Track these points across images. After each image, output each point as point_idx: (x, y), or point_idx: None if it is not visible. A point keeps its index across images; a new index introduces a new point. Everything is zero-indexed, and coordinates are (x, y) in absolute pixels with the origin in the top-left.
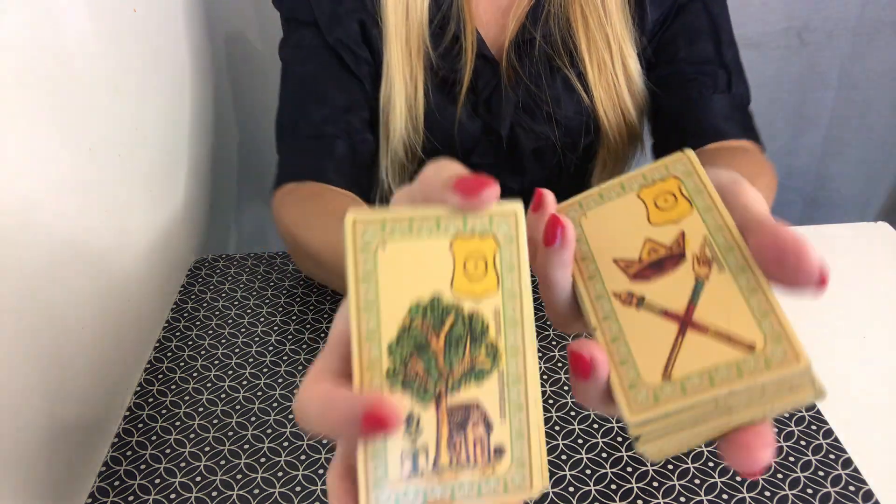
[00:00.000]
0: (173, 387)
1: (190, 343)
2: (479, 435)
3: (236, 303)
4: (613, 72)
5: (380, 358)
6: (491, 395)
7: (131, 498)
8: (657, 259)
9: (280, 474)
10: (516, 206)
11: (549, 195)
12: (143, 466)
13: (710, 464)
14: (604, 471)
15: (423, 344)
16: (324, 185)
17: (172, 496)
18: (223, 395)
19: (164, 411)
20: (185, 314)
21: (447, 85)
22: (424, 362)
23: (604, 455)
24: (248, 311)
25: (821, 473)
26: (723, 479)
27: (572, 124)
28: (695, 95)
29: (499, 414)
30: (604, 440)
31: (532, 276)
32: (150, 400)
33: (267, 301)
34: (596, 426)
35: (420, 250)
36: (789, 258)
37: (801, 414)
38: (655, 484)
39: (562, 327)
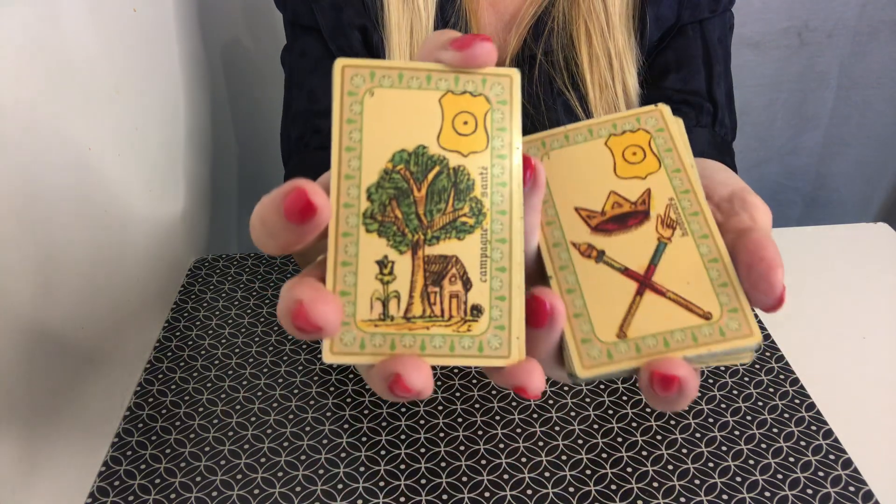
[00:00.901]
0: (173, 387)
1: (190, 343)
2: (456, 290)
3: (236, 303)
4: (614, 92)
5: (358, 198)
6: (472, 252)
7: (131, 498)
8: (620, 214)
9: (280, 474)
10: (512, 71)
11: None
12: (143, 466)
13: (710, 464)
14: (604, 471)
15: (404, 190)
16: None
17: (172, 496)
18: (223, 395)
19: (164, 411)
20: (185, 314)
21: None
22: (404, 209)
23: (604, 455)
24: (248, 311)
25: (821, 474)
26: (723, 480)
27: None
28: None
29: (479, 273)
30: (604, 440)
31: None
32: (150, 400)
33: (267, 301)
34: (596, 426)
35: (408, 101)
36: (762, 267)
37: (801, 414)
38: (655, 484)
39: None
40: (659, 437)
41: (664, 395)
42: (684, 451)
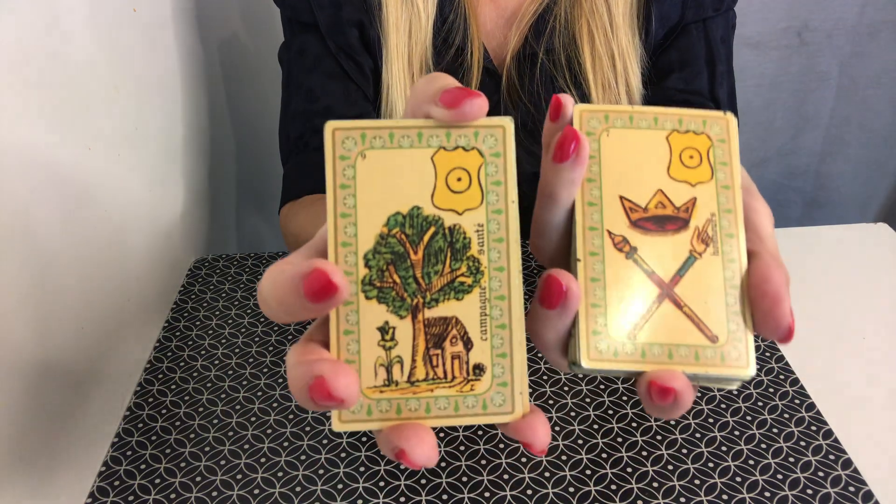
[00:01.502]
0: (173, 387)
1: (190, 343)
2: (458, 351)
3: (236, 303)
4: (617, 92)
5: (356, 265)
6: (471, 312)
7: (131, 498)
8: (662, 215)
9: (280, 474)
10: (505, 120)
11: (568, 101)
12: (143, 466)
13: (710, 464)
14: (604, 471)
15: (401, 254)
16: None
17: (172, 496)
18: (223, 395)
19: (164, 411)
20: (185, 314)
21: None
22: (401, 273)
23: (604, 455)
24: (248, 311)
25: (820, 474)
26: (723, 480)
27: None
28: None
29: (479, 332)
30: (604, 440)
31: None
32: (150, 400)
33: None
34: (596, 427)
35: (401, 161)
36: (767, 303)
37: (801, 414)
38: (655, 484)
39: (542, 256)
40: (659, 437)
41: (660, 404)
42: (684, 451)
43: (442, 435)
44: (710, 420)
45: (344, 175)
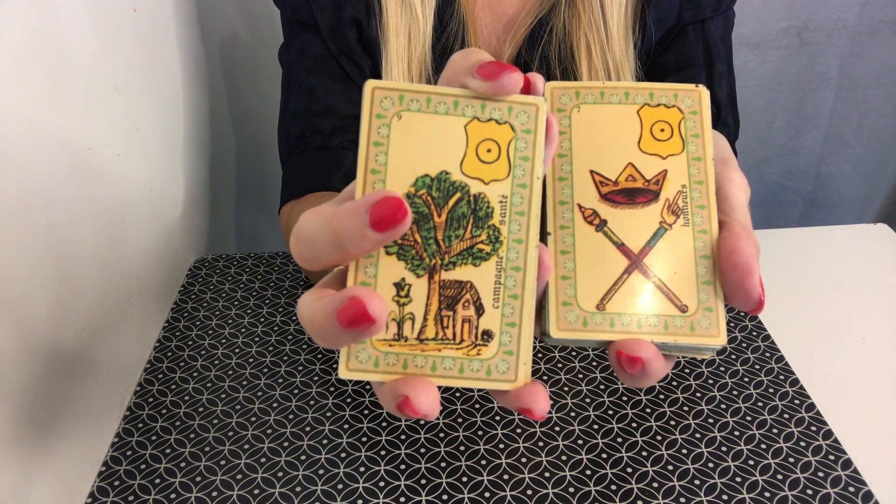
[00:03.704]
0: (173, 387)
1: (190, 343)
2: (469, 315)
3: (236, 303)
4: None
5: None
6: (486, 279)
7: (131, 498)
8: (632, 188)
9: (280, 474)
10: (539, 99)
11: (538, 81)
12: (143, 466)
13: (710, 464)
14: (604, 471)
15: (425, 215)
16: (333, 193)
17: (172, 496)
18: (223, 395)
19: (164, 411)
20: (185, 314)
21: None
22: (423, 233)
23: (604, 455)
24: (248, 311)
25: (820, 474)
26: (722, 480)
27: None
28: None
29: (492, 299)
30: (604, 440)
31: None
32: (150, 400)
33: (267, 301)
34: (596, 427)
35: (435, 126)
36: (737, 274)
37: (800, 414)
38: (655, 484)
39: None
40: (659, 437)
41: (629, 372)
42: (684, 451)
43: (442, 435)
44: (710, 420)
45: (378, 133)
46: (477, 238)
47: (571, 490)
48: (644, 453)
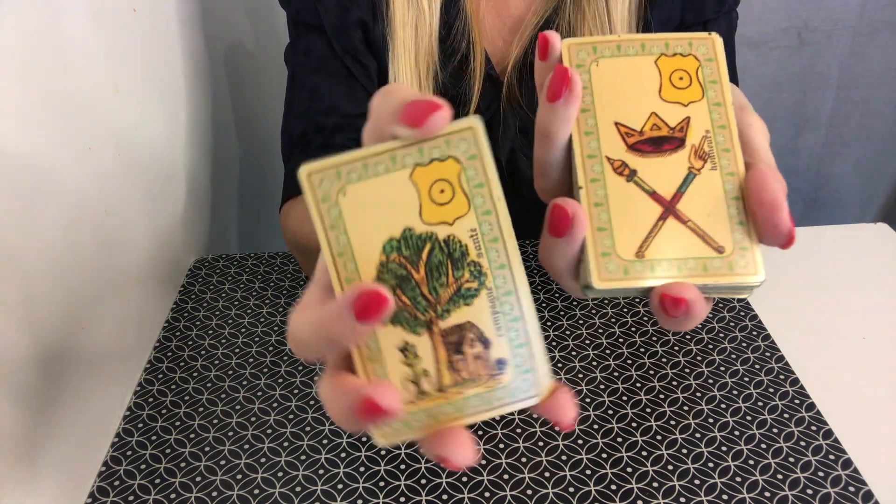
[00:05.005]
0: (173, 387)
1: (190, 343)
2: (478, 352)
3: (236, 303)
4: None
5: None
6: (483, 313)
7: (131, 498)
8: (658, 136)
9: (280, 474)
10: (472, 120)
11: (555, 38)
12: (143, 466)
13: (710, 464)
14: (604, 471)
15: (404, 276)
16: None
17: (172, 496)
18: (223, 395)
19: (164, 411)
20: (185, 314)
21: (455, 105)
22: (409, 294)
23: (604, 455)
24: (248, 311)
25: (820, 474)
26: (723, 480)
27: None
28: None
29: (494, 329)
30: (604, 440)
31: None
32: (150, 400)
33: (267, 301)
34: (596, 427)
35: (381, 188)
36: (765, 210)
37: (801, 414)
38: (655, 484)
39: (545, 195)
40: (659, 437)
41: (673, 315)
42: (684, 451)
43: None
44: (710, 420)
45: (330, 215)
46: (461, 279)
47: (571, 490)
48: (644, 453)
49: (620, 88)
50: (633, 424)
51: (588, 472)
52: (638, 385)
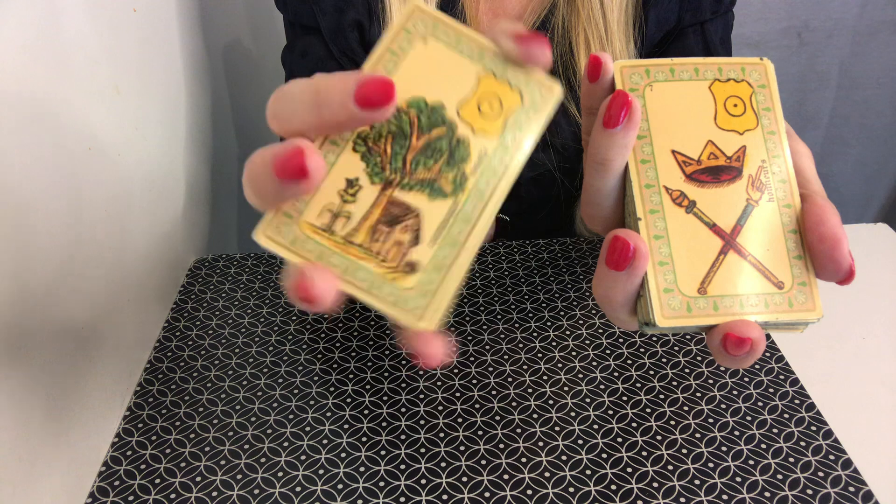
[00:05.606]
0: (173, 387)
1: (190, 343)
2: (403, 240)
3: (236, 303)
4: None
5: None
6: (435, 216)
7: (131, 498)
8: (716, 166)
9: (280, 474)
10: (556, 85)
11: (607, 59)
12: (143, 466)
13: (710, 464)
14: (604, 471)
15: (404, 132)
16: None
17: (172, 496)
18: (223, 395)
19: (164, 411)
20: (185, 314)
21: None
22: (395, 148)
23: (604, 455)
24: (248, 311)
25: (820, 474)
26: (723, 480)
27: (569, 150)
28: None
29: (431, 236)
30: (604, 440)
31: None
32: (150, 400)
33: (267, 301)
34: (596, 427)
35: (452, 61)
36: (826, 246)
37: (801, 414)
38: (655, 484)
39: (595, 224)
40: (659, 437)
41: (734, 354)
42: (684, 451)
43: (442, 435)
44: (710, 420)
45: (398, 44)
46: (443, 175)
47: (571, 490)
48: (644, 453)
49: (676, 114)
50: (633, 424)
51: (588, 472)
52: (638, 385)
